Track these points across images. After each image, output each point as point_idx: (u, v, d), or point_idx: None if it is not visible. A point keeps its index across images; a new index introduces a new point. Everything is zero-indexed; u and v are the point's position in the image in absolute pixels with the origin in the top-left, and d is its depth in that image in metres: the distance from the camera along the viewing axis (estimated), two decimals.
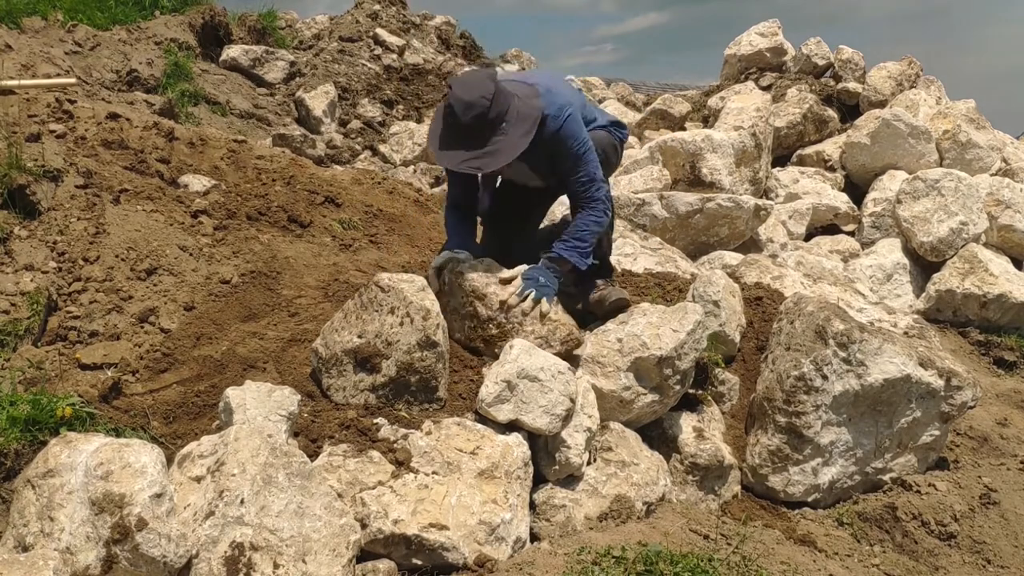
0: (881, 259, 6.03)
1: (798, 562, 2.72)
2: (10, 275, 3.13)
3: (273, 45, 9.07)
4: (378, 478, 2.47)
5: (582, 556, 2.45)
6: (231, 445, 2.23)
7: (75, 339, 3.02)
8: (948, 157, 7.16)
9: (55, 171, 3.59)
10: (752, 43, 9.13)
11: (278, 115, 7.89)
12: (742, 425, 3.52)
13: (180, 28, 7.91)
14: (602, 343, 3.09)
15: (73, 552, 1.98)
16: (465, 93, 2.89)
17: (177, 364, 2.98)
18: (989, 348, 5.36)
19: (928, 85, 8.34)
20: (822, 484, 3.29)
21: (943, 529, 3.13)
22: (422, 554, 2.40)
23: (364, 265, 3.86)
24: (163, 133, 4.32)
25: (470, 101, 2.87)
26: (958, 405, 3.34)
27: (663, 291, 3.89)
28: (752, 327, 3.78)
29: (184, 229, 3.65)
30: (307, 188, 4.34)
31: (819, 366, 3.22)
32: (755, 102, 6.89)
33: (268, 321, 3.24)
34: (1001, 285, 5.42)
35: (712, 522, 2.91)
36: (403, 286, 2.82)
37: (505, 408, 2.72)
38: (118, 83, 6.66)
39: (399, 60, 9.60)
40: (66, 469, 2.06)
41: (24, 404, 2.58)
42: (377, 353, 2.76)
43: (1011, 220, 6.10)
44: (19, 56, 5.51)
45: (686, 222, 5.70)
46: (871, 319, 4.14)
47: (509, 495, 2.58)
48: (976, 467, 3.50)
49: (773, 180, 7.23)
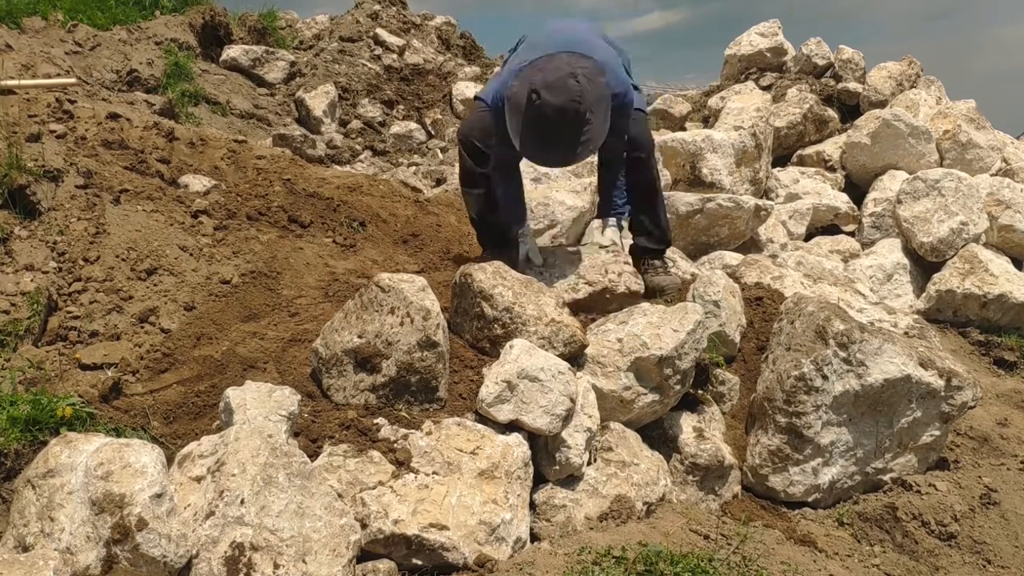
0: (881, 259, 6.02)
1: (798, 562, 2.72)
2: (10, 275, 3.13)
3: (273, 45, 9.06)
4: (378, 478, 2.47)
5: (582, 556, 2.45)
6: (231, 445, 2.23)
7: (75, 339, 3.02)
8: (948, 157, 7.15)
9: (55, 171, 3.59)
10: (752, 43, 9.12)
11: (278, 115, 7.89)
12: (742, 425, 3.52)
13: (180, 28, 7.91)
14: (602, 343, 3.09)
15: (73, 552, 1.98)
16: (555, 98, 2.94)
17: (177, 364, 2.98)
18: (989, 348, 5.36)
19: (928, 85, 8.33)
20: (822, 484, 3.29)
21: (943, 529, 3.13)
22: (422, 554, 2.40)
23: (364, 265, 3.86)
24: (163, 133, 4.32)
25: (561, 106, 2.94)
26: (958, 405, 3.34)
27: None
28: (752, 327, 3.78)
29: (184, 229, 3.65)
30: (307, 188, 4.34)
31: (819, 366, 3.22)
32: (755, 102, 6.88)
33: (268, 321, 3.24)
34: (1001, 285, 5.41)
35: (712, 522, 2.91)
36: (403, 286, 2.82)
37: (505, 408, 2.72)
38: (118, 83, 6.66)
39: (399, 60, 9.59)
40: (66, 469, 2.06)
41: (24, 404, 2.58)
42: (377, 353, 2.76)
43: (1011, 220, 6.09)
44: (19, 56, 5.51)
45: (686, 222, 5.69)
46: (871, 319, 4.14)
47: (509, 495, 2.58)
48: (976, 467, 3.50)
49: (773, 180, 7.23)
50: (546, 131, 2.99)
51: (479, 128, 3.54)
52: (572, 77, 2.97)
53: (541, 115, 2.96)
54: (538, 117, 2.98)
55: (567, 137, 3.01)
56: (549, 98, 2.93)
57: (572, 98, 2.93)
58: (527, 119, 3.02)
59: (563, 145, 3.03)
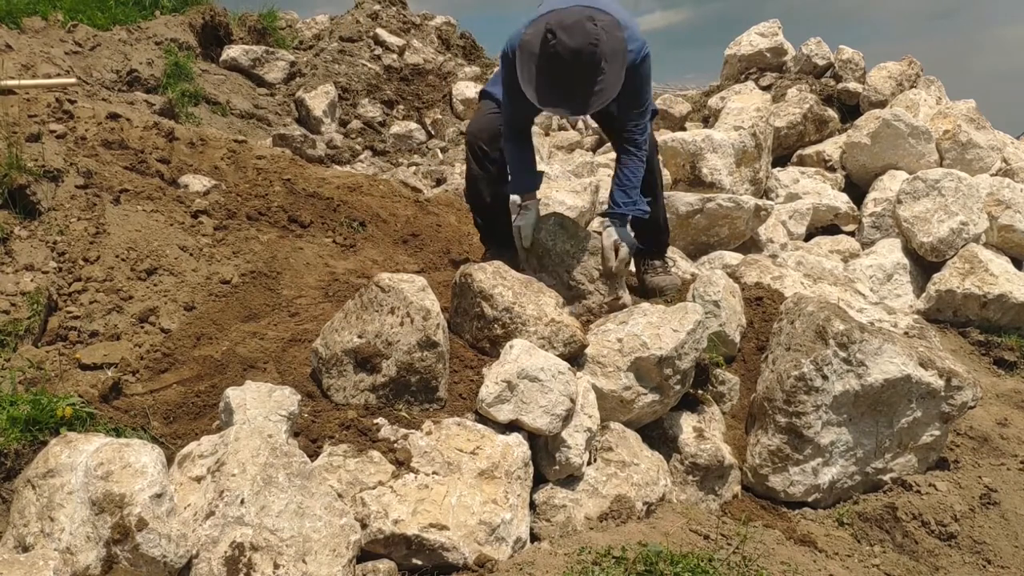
0: (881, 259, 6.02)
1: (798, 562, 2.72)
2: (10, 275, 3.13)
3: (273, 45, 9.07)
4: (378, 478, 2.47)
5: (582, 556, 2.45)
6: (231, 445, 2.23)
7: (75, 339, 3.03)
8: (948, 157, 7.15)
9: (55, 171, 3.60)
10: (752, 43, 9.12)
11: (278, 115, 7.89)
12: (742, 425, 3.52)
13: (180, 28, 7.92)
14: (602, 343, 3.08)
15: (73, 552, 1.98)
16: (571, 40, 2.84)
17: (177, 364, 2.98)
18: (989, 348, 5.36)
19: (928, 85, 8.33)
20: (822, 484, 3.29)
21: (943, 529, 3.13)
22: (422, 554, 2.40)
23: (364, 265, 3.86)
24: (163, 133, 4.32)
25: (577, 48, 2.84)
26: (958, 405, 3.33)
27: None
28: (752, 327, 3.78)
29: (184, 229, 3.65)
30: (307, 188, 4.35)
31: (819, 366, 3.22)
32: (755, 102, 6.89)
33: (268, 321, 3.24)
34: (1001, 285, 5.41)
35: (712, 522, 2.91)
36: (403, 286, 2.82)
37: (505, 408, 2.72)
38: (118, 83, 6.66)
39: (399, 60, 9.60)
40: (66, 469, 2.06)
41: (24, 404, 2.58)
42: (377, 353, 2.76)
43: (1011, 220, 6.09)
44: (19, 56, 5.51)
45: (686, 222, 5.70)
46: (871, 319, 4.14)
47: (509, 495, 2.58)
48: (976, 467, 3.50)
49: (773, 180, 7.23)
50: (560, 73, 2.89)
51: (487, 131, 3.51)
52: (590, 21, 2.88)
53: (556, 55, 2.87)
54: (553, 57, 2.88)
55: (581, 80, 2.90)
56: (565, 39, 2.84)
57: (590, 41, 2.84)
58: (541, 60, 2.92)
59: (577, 88, 2.92)
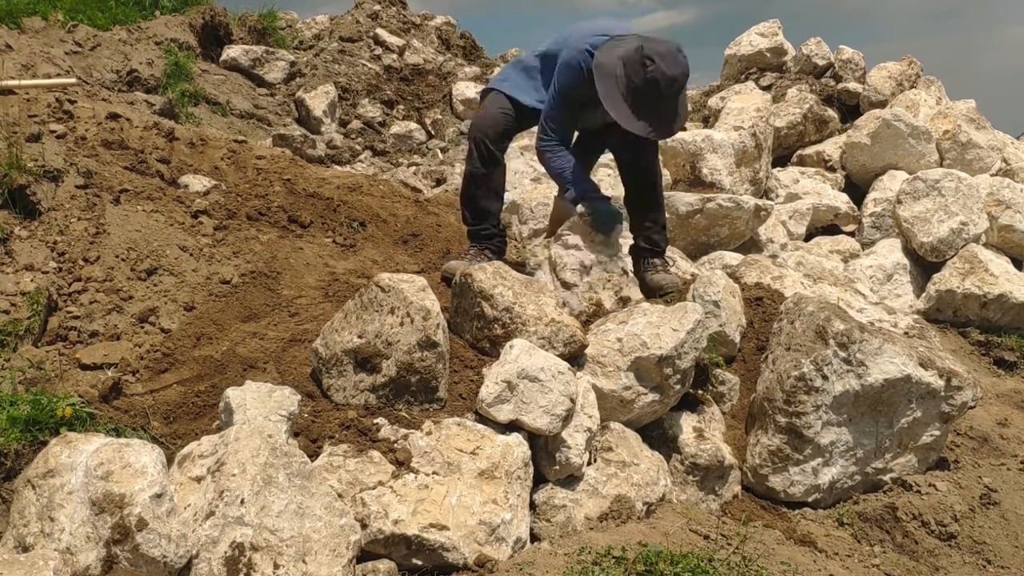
0: (881, 259, 6.03)
1: (798, 562, 2.72)
2: (10, 275, 3.13)
3: (273, 45, 9.06)
4: (378, 478, 2.47)
5: (582, 556, 2.45)
6: (231, 445, 2.23)
7: (75, 339, 3.02)
8: (948, 157, 7.15)
9: (55, 171, 3.60)
10: (752, 43, 9.12)
11: (278, 115, 7.89)
12: (742, 425, 3.52)
13: (180, 28, 7.91)
14: (602, 343, 3.08)
15: (73, 552, 1.98)
16: (670, 68, 3.06)
17: (177, 364, 2.99)
18: (989, 348, 5.36)
19: (928, 85, 8.33)
20: (822, 484, 3.29)
21: (943, 529, 3.13)
22: (422, 554, 2.40)
23: (364, 265, 3.86)
24: (163, 133, 4.32)
25: (673, 76, 3.07)
26: (958, 405, 3.33)
27: None
28: (752, 327, 3.78)
29: (184, 229, 3.65)
30: (307, 188, 4.35)
31: (819, 366, 3.22)
32: (755, 102, 6.88)
33: (268, 321, 3.24)
34: (1001, 285, 5.42)
35: (712, 522, 2.91)
36: (403, 286, 2.82)
37: (505, 408, 2.72)
38: (118, 83, 6.66)
39: (399, 60, 9.59)
40: (66, 469, 2.06)
41: (24, 404, 2.58)
42: (377, 353, 2.76)
43: (1011, 220, 6.09)
44: (19, 56, 5.51)
45: (686, 222, 5.69)
46: (871, 319, 4.14)
47: (509, 495, 2.58)
48: (976, 467, 3.50)
49: (773, 180, 7.22)
50: (654, 98, 3.08)
51: (495, 129, 3.51)
52: (680, 52, 3.10)
53: (654, 82, 3.05)
54: (648, 83, 3.06)
55: (670, 106, 3.13)
56: (663, 67, 3.03)
57: (684, 71, 3.07)
58: (634, 85, 3.10)
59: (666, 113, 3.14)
